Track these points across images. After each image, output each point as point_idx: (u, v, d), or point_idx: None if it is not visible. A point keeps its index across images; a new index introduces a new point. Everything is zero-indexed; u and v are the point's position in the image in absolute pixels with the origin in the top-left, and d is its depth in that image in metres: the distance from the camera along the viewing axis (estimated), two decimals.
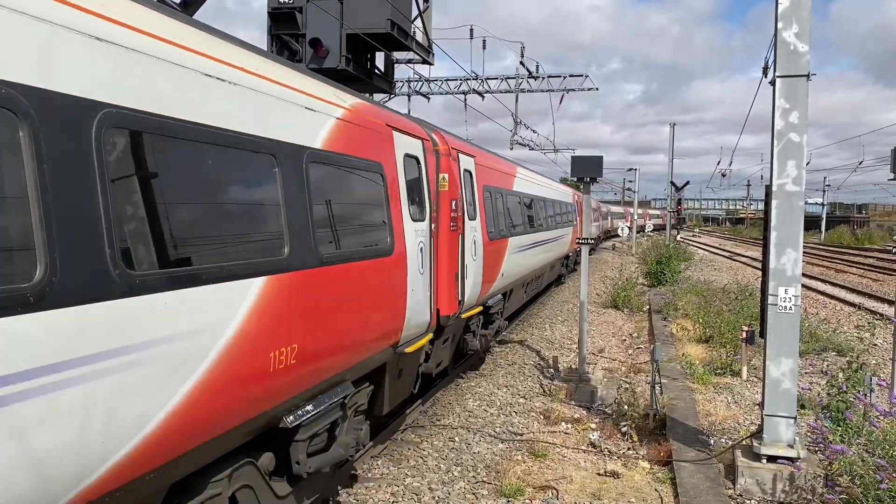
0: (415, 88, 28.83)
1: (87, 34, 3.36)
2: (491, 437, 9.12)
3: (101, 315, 3.31)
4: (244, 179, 4.78)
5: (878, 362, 12.93)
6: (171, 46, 4.03)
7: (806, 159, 7.20)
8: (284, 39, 9.74)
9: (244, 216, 4.80)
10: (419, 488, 7.41)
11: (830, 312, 20.57)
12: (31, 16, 3.06)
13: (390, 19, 9.73)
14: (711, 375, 11.85)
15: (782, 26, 7.14)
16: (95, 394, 3.29)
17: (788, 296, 7.20)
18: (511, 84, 29.19)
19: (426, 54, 11.68)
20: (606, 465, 8.04)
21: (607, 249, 51.47)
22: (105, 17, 3.52)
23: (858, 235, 66.74)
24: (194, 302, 4.00)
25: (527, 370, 12.78)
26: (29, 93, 3.01)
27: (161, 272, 3.80)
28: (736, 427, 9.31)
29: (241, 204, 4.80)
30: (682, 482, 7.32)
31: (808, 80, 7.10)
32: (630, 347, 15.25)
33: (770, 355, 7.28)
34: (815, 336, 14.59)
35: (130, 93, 3.63)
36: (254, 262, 4.63)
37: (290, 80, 5.45)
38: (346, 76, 9.61)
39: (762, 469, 7.17)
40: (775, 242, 7.24)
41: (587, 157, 11.57)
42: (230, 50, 4.78)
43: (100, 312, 3.31)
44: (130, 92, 3.63)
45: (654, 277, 26.53)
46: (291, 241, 5.04)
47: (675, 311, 18.15)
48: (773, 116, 7.20)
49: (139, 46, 3.73)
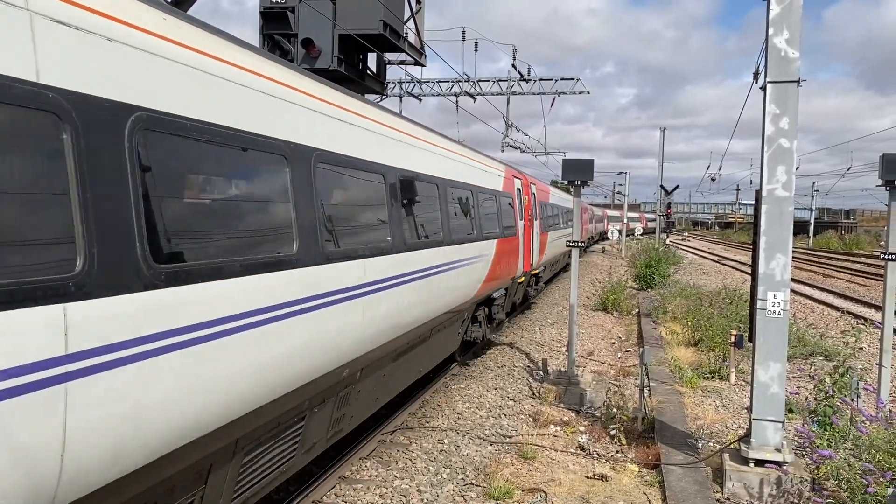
0: (406, 90, 28.83)
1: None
2: (480, 439, 9.11)
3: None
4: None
5: (864, 367, 13.02)
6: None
7: (795, 164, 7.24)
8: (276, 39, 9.70)
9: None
10: (408, 490, 7.39)
11: (818, 317, 20.70)
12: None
13: (383, 20, 9.71)
14: (700, 379, 11.89)
15: (773, 32, 7.17)
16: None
17: (777, 300, 7.23)
18: (502, 87, 29.23)
19: (418, 56, 11.67)
20: (595, 468, 8.05)
21: (597, 252, 51.61)
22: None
23: (846, 241, 67.15)
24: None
25: (516, 372, 12.78)
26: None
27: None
28: (724, 431, 9.34)
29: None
30: (670, 485, 7.34)
31: (798, 85, 7.14)
32: (619, 350, 15.28)
33: (758, 359, 7.31)
34: (803, 340, 14.67)
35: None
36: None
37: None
38: (338, 76, 9.58)
39: (750, 473, 7.19)
40: (764, 247, 7.27)
41: (578, 161, 11.59)
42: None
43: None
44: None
45: (643, 281, 26.62)
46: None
47: (665, 314, 18.21)
48: (763, 122, 7.23)
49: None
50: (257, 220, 4.96)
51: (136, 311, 3.53)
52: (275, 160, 5.05)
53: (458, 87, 28.60)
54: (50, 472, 3.03)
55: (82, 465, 3.20)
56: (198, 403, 4.00)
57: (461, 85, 28.47)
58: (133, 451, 3.52)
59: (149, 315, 3.61)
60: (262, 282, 4.65)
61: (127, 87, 3.59)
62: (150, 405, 3.59)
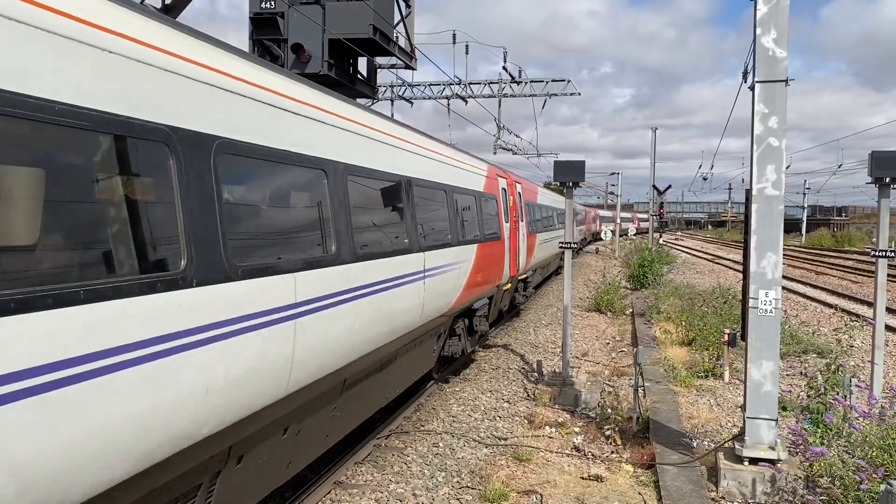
0: (398, 93, 28.83)
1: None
2: (475, 441, 9.11)
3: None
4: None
5: (857, 364, 13.07)
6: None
7: (786, 163, 7.27)
8: (266, 44, 9.70)
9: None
10: (403, 494, 7.39)
11: (811, 314, 20.77)
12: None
13: (373, 24, 9.72)
14: (694, 378, 11.92)
15: (761, 32, 7.21)
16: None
17: (769, 299, 7.26)
18: (494, 89, 29.26)
19: (409, 59, 11.68)
20: (590, 469, 8.05)
21: (590, 253, 51.69)
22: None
23: (838, 238, 67.46)
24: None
25: (511, 374, 12.79)
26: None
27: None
28: (718, 429, 9.36)
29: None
30: (665, 485, 7.35)
31: (786, 85, 7.17)
32: (613, 350, 15.31)
33: (751, 358, 7.33)
34: (796, 338, 14.72)
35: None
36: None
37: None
38: (328, 81, 9.58)
39: (744, 471, 7.21)
40: (756, 246, 7.30)
41: (569, 162, 11.59)
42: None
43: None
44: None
45: (636, 281, 26.67)
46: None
47: (658, 314, 18.24)
48: (752, 121, 7.26)
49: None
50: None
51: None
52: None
53: (450, 89, 28.62)
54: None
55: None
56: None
57: (453, 88, 28.49)
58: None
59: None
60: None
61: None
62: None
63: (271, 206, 5.42)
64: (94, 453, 3.38)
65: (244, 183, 5.01)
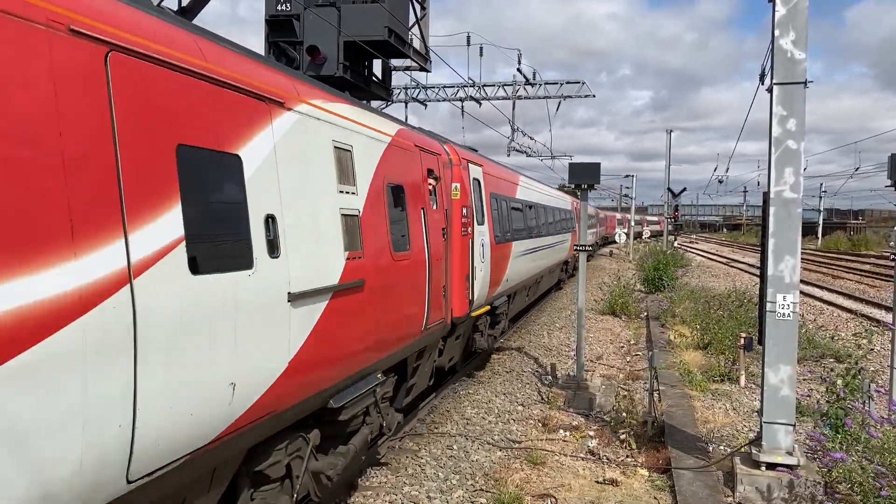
0: (412, 95, 28.87)
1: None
2: (489, 444, 9.09)
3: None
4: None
5: (876, 369, 12.93)
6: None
7: (803, 166, 7.20)
8: (282, 47, 9.74)
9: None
10: (417, 497, 7.38)
11: (828, 319, 20.58)
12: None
13: (388, 27, 9.73)
14: (709, 382, 11.84)
15: (779, 34, 7.15)
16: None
17: (787, 302, 7.19)
18: (508, 91, 29.24)
19: (423, 61, 11.68)
20: (605, 473, 8.01)
21: (605, 256, 51.50)
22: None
23: (855, 241, 66.79)
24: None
25: (525, 377, 12.75)
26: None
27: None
28: (734, 434, 9.28)
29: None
30: (680, 490, 7.30)
31: (805, 87, 7.11)
32: (628, 354, 15.23)
33: (768, 362, 7.26)
34: (813, 343, 14.58)
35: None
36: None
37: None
38: (343, 83, 9.60)
39: (761, 476, 7.14)
40: (773, 249, 7.23)
41: (584, 164, 11.55)
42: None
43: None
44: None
45: (651, 284, 26.53)
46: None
47: (673, 317, 18.14)
48: (770, 124, 7.21)
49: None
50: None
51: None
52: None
53: (464, 91, 28.62)
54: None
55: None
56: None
57: (467, 90, 28.49)
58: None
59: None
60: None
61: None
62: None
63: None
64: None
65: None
